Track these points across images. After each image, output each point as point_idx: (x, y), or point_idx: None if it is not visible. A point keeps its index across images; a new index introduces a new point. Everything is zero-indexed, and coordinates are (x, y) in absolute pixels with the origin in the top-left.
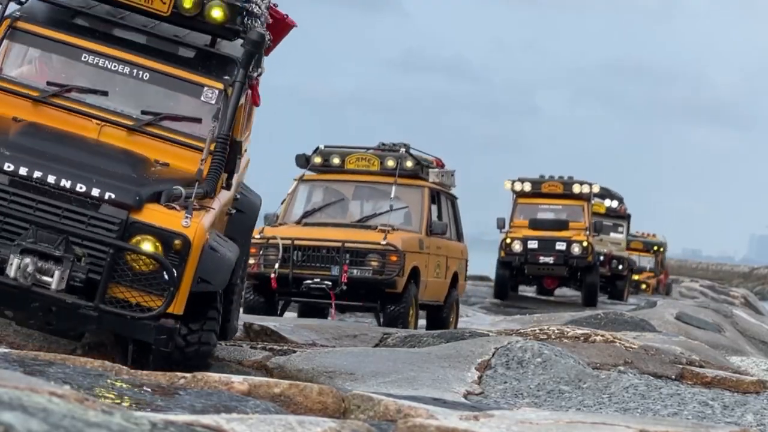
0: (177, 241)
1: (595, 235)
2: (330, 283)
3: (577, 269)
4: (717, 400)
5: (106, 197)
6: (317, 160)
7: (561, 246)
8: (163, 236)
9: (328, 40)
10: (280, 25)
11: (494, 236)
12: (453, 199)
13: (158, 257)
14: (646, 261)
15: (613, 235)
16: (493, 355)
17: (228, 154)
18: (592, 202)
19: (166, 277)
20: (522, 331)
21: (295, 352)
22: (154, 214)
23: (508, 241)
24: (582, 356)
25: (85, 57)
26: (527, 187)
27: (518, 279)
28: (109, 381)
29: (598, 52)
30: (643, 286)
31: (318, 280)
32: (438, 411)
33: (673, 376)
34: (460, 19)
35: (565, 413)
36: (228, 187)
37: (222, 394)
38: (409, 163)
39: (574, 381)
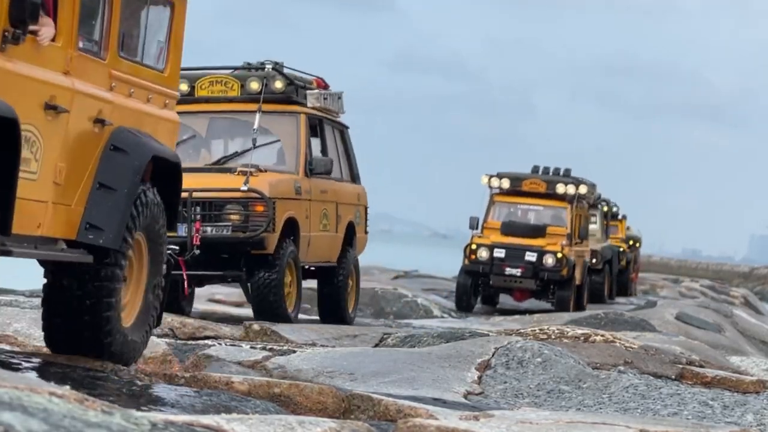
0: None
1: (578, 242)
2: (177, 247)
3: (549, 282)
4: (717, 400)
5: None
6: None
7: (531, 257)
8: None
9: (322, 39)
10: None
11: None
12: (343, 129)
13: None
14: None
15: None
16: (493, 355)
17: None
18: (582, 204)
19: None
20: (522, 331)
21: (295, 352)
22: None
23: (474, 246)
24: (582, 356)
25: None
26: (506, 183)
27: (484, 290)
28: (109, 381)
29: (595, 51)
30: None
31: None
32: (438, 411)
33: (673, 376)
34: (454, 18)
35: (565, 413)
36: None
37: (222, 394)
38: (278, 84)
39: (574, 381)
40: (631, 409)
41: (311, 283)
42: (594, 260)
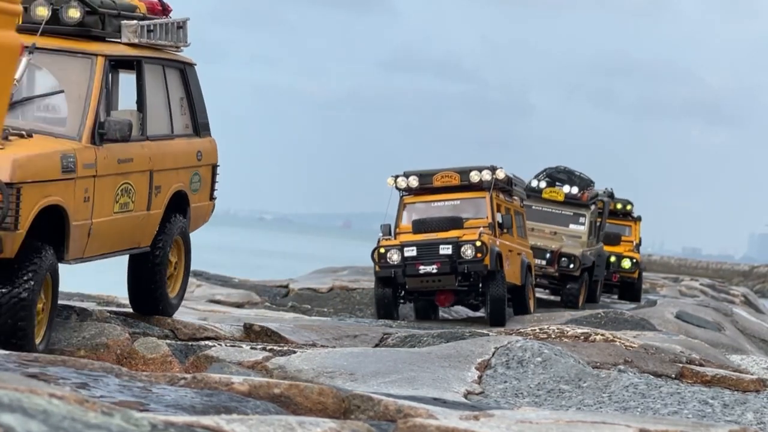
0: None
1: (503, 232)
2: None
3: (474, 278)
4: (717, 399)
5: None
6: None
7: (446, 249)
8: None
9: (318, 40)
10: None
11: None
12: (183, 68)
13: None
14: (622, 229)
15: (572, 227)
16: (493, 354)
17: None
18: (513, 194)
19: None
20: (522, 330)
21: (295, 352)
22: None
23: (382, 250)
24: (582, 355)
25: None
26: (414, 182)
27: (409, 297)
28: (108, 381)
29: (592, 50)
30: (626, 264)
31: None
32: (438, 411)
33: (673, 375)
34: (450, 19)
35: (565, 413)
36: None
37: (222, 394)
38: (73, 12)
39: (574, 380)
40: (631, 408)
41: (309, 283)
42: (571, 266)
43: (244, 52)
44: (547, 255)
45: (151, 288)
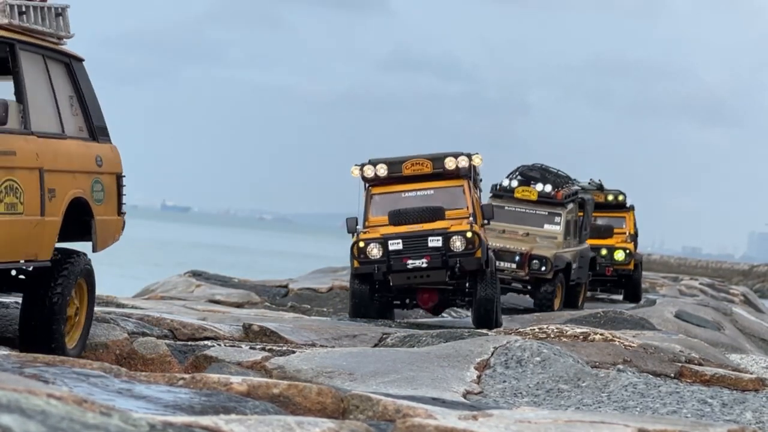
0: None
1: (485, 224)
2: None
3: (462, 275)
4: (716, 398)
5: None
6: None
7: (436, 241)
8: None
9: (316, 40)
10: None
11: None
12: (69, 62)
13: None
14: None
15: (547, 227)
16: (492, 354)
17: None
18: (479, 179)
19: None
20: (521, 330)
21: (294, 352)
22: None
23: (362, 244)
24: (581, 355)
25: None
26: (382, 171)
27: (381, 298)
28: (107, 382)
29: (590, 50)
30: (619, 256)
31: None
32: (437, 411)
33: (672, 375)
34: (447, 19)
35: (564, 412)
36: None
37: (221, 394)
38: None
39: (573, 380)
40: (630, 408)
41: (309, 283)
42: (543, 268)
43: (244, 52)
44: (517, 258)
45: (46, 337)
